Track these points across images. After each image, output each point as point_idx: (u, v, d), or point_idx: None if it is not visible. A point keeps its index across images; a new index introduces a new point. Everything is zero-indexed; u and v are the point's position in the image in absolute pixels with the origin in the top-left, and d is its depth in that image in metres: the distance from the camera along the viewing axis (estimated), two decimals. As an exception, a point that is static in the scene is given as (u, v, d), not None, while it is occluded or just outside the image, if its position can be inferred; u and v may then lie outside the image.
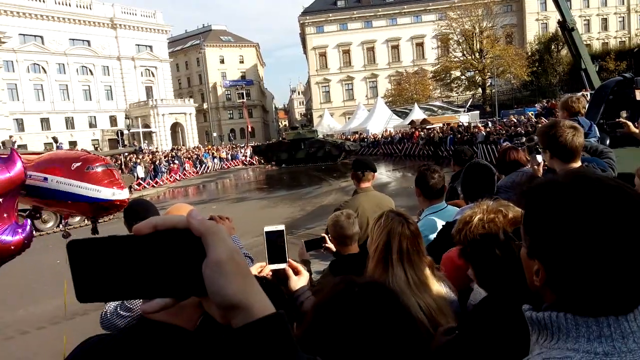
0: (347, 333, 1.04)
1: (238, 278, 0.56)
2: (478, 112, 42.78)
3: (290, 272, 1.70)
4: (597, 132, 4.07)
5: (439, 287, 1.86)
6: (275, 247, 1.64)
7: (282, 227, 1.66)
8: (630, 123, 5.22)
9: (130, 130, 45.22)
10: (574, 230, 0.75)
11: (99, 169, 4.23)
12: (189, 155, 38.85)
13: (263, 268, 1.75)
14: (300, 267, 1.72)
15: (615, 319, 0.75)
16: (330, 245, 2.79)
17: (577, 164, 2.56)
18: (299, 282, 1.69)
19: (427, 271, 1.86)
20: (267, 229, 1.65)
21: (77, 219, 16.08)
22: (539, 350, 0.81)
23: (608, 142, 6.09)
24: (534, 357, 0.81)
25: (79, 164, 4.33)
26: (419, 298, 1.76)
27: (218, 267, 0.54)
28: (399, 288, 1.74)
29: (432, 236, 2.77)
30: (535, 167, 3.20)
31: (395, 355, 1.05)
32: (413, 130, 35.18)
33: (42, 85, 49.65)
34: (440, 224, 2.85)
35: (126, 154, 28.88)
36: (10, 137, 26.93)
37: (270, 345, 0.56)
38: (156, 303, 0.54)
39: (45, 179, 4.23)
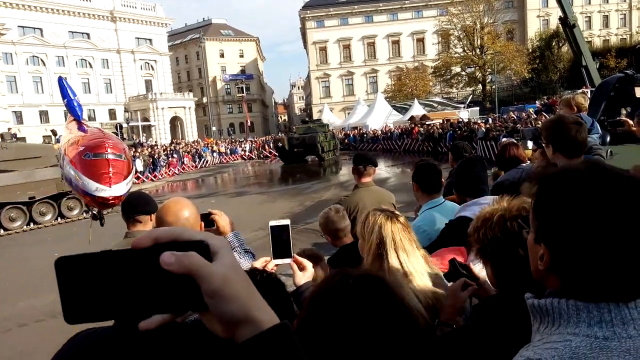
0: (343, 325, 1.03)
1: (239, 297, 0.54)
2: (478, 108, 42.76)
3: (295, 267, 1.69)
4: (599, 129, 4.06)
5: (436, 278, 1.86)
6: (280, 241, 1.63)
7: (287, 221, 1.65)
8: (630, 121, 5.23)
9: (129, 124, 45.16)
10: (585, 216, 0.76)
11: (94, 158, 3.95)
12: (188, 149, 38.80)
13: (267, 263, 1.74)
14: (305, 262, 1.71)
15: (616, 305, 0.76)
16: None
17: (580, 159, 2.54)
18: (303, 277, 1.68)
19: (422, 261, 1.87)
20: (272, 223, 1.64)
21: (76, 211, 16.06)
22: (539, 337, 0.82)
23: (609, 139, 6.08)
24: (534, 343, 0.82)
25: (82, 148, 4.11)
26: (413, 286, 1.76)
27: (215, 295, 0.52)
28: (396, 280, 1.75)
29: (430, 230, 2.77)
30: (521, 150, 3.26)
31: (391, 347, 1.04)
32: (413, 126, 35.13)
33: (41, 77, 49.49)
34: (439, 219, 2.85)
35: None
36: (9, 129, 26.82)
37: (278, 357, 0.55)
38: (155, 320, 0.52)
39: (68, 162, 4.20)
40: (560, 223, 0.79)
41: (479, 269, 1.61)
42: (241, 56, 79.23)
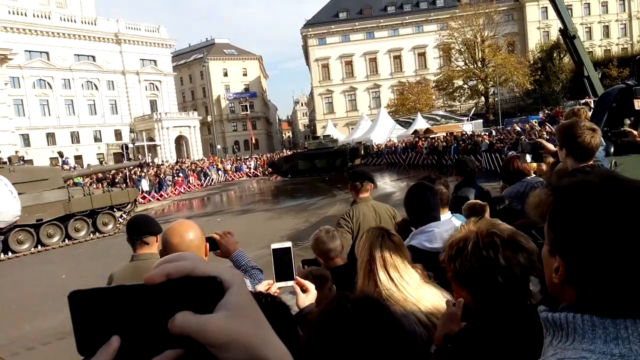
0: (342, 350, 1.03)
1: (240, 341, 0.52)
2: (481, 120, 42.80)
3: (297, 289, 1.70)
4: (603, 141, 4.06)
5: (431, 289, 1.86)
6: (282, 264, 1.65)
7: (289, 244, 1.67)
8: (634, 132, 5.23)
9: (135, 144, 45.50)
10: (601, 228, 0.75)
11: None
12: (194, 168, 38.98)
13: (270, 286, 1.75)
14: (307, 284, 1.71)
15: (633, 321, 0.74)
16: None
17: (590, 163, 2.64)
18: (306, 299, 1.68)
19: (417, 277, 1.87)
20: (274, 246, 1.66)
21: (83, 232, 16.13)
22: (552, 352, 0.81)
23: (612, 149, 6.08)
24: (547, 358, 0.81)
25: None
26: (412, 300, 1.77)
27: (213, 346, 0.52)
28: (389, 294, 1.76)
29: None
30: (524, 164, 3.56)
31: None
32: (416, 139, 35.19)
33: (47, 100, 50.11)
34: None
35: (131, 167, 29.01)
36: (17, 152, 27.08)
37: None
38: (169, 355, 0.52)
39: None
40: (577, 234, 0.78)
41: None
42: (244, 74, 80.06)
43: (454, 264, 1.39)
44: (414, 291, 1.80)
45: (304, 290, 1.69)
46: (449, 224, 2.60)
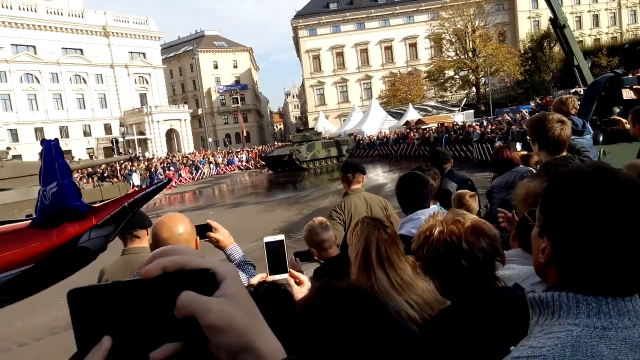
0: (328, 342, 0.99)
1: (236, 327, 0.53)
2: (472, 111, 42.97)
3: (292, 282, 1.70)
4: (591, 130, 4.09)
5: (424, 284, 1.87)
6: (275, 257, 1.65)
7: (281, 237, 1.67)
8: (624, 120, 5.26)
9: (125, 138, 45.11)
10: (588, 214, 0.83)
11: None
12: (185, 161, 38.76)
13: (264, 279, 1.74)
14: (302, 276, 1.71)
15: (613, 298, 0.83)
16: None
17: (563, 155, 2.66)
18: (301, 291, 1.68)
19: (410, 271, 1.88)
20: (267, 239, 1.66)
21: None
22: (540, 329, 0.88)
23: (601, 138, 6.13)
24: (535, 334, 0.88)
25: None
26: (405, 297, 1.78)
27: (210, 329, 0.53)
28: (384, 290, 1.77)
29: None
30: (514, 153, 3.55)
31: None
32: (408, 130, 35.24)
33: (35, 95, 49.51)
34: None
35: (121, 161, 28.80)
36: (8, 148, 26.65)
37: None
38: (168, 348, 0.53)
39: None
40: (565, 219, 0.86)
41: None
42: (235, 67, 79.51)
43: (422, 251, 1.48)
44: (407, 287, 1.81)
45: (298, 283, 1.69)
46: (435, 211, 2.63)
